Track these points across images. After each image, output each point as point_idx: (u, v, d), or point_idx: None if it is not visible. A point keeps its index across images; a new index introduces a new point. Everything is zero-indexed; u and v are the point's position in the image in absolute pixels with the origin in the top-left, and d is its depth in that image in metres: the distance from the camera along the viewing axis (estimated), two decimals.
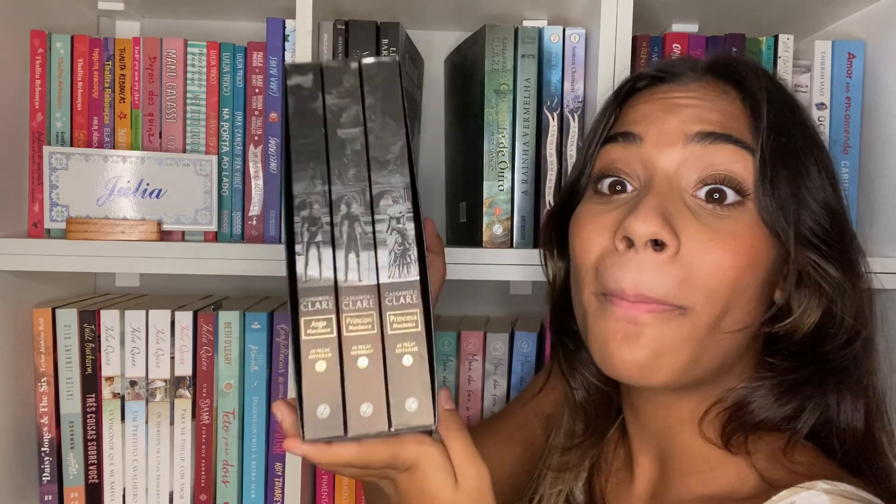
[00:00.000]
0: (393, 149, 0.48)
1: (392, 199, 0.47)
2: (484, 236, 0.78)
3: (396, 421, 0.44)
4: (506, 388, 0.84)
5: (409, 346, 0.45)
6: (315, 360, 0.44)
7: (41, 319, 0.80)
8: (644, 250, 0.47)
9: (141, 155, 0.79)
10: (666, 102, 0.51)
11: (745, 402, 0.50)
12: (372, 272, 0.46)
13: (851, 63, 0.82)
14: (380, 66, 0.50)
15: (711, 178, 0.48)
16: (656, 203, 0.47)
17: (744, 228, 0.47)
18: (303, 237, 0.46)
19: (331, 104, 0.48)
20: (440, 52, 0.98)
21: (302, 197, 0.47)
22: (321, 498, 0.84)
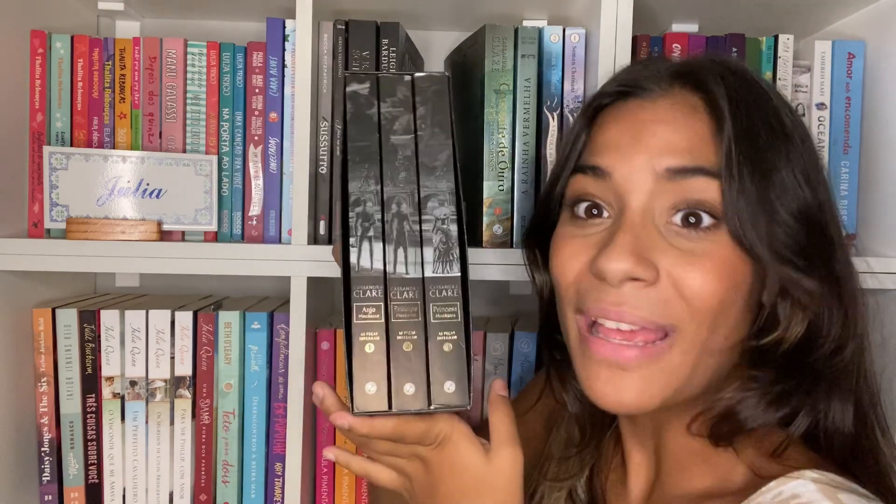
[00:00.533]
0: (440, 156, 0.53)
1: (438, 202, 0.52)
2: (484, 236, 0.78)
3: (435, 400, 0.49)
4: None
5: (450, 334, 0.50)
6: (365, 342, 0.49)
7: (41, 319, 0.80)
8: (622, 285, 0.48)
9: (141, 155, 0.79)
10: (633, 127, 0.50)
11: (733, 412, 0.50)
12: (418, 266, 0.51)
13: (851, 63, 0.82)
14: (431, 80, 0.54)
15: (684, 204, 0.48)
16: (629, 239, 0.47)
17: (721, 249, 0.47)
18: (356, 231, 0.51)
19: (385, 112, 0.53)
20: (440, 52, 0.98)
21: (357, 194, 0.51)
22: (321, 498, 0.84)
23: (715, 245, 0.47)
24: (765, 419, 0.49)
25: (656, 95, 0.51)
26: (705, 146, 0.48)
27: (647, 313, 0.47)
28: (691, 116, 0.49)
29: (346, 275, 0.50)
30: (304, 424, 0.77)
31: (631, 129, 0.50)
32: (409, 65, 0.85)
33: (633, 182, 0.49)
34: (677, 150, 0.48)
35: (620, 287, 0.47)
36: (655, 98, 0.51)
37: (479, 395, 0.84)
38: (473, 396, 0.83)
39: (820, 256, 0.48)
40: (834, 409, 0.49)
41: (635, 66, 0.56)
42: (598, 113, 0.54)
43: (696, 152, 0.48)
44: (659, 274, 0.47)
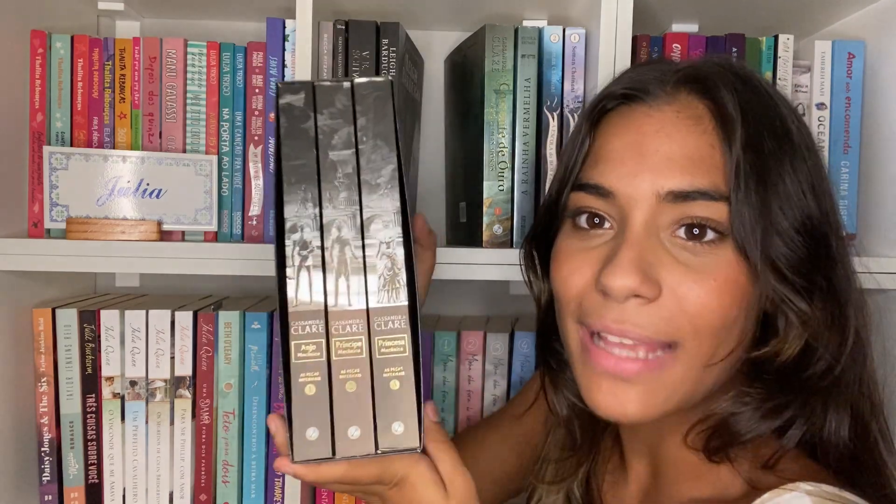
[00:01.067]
0: (384, 172, 0.49)
1: (382, 223, 0.48)
2: (484, 236, 0.78)
3: (383, 443, 0.46)
4: (506, 388, 0.84)
5: (397, 370, 0.46)
6: (305, 383, 0.45)
7: (41, 319, 0.80)
8: (625, 302, 0.47)
9: (141, 155, 0.79)
10: (635, 140, 0.49)
11: (727, 424, 0.50)
12: (362, 297, 0.47)
13: (851, 63, 0.82)
14: (372, 86, 0.50)
15: (689, 219, 0.47)
16: (633, 255, 0.47)
17: (724, 265, 0.47)
18: (294, 261, 0.47)
19: (322, 125, 0.49)
20: (440, 52, 0.98)
21: (293, 220, 0.47)
22: (321, 498, 0.84)
23: (718, 260, 0.47)
24: (758, 431, 0.49)
25: (661, 102, 0.50)
26: (708, 162, 0.47)
27: (651, 331, 0.47)
28: (696, 127, 0.48)
29: (283, 310, 0.46)
30: None
31: (634, 144, 0.49)
32: (409, 65, 0.85)
33: (636, 201, 0.48)
34: (679, 170, 0.47)
35: (624, 303, 0.47)
36: (661, 105, 0.50)
37: (478, 396, 0.84)
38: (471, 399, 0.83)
39: (820, 272, 0.48)
40: (830, 420, 0.49)
41: (641, 68, 0.54)
42: (603, 117, 0.53)
43: (698, 172, 0.47)
44: (662, 290, 0.47)
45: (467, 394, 0.84)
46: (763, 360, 0.49)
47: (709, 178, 0.47)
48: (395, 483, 0.48)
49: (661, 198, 0.47)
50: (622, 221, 0.49)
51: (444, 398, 0.84)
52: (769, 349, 0.49)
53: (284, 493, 0.78)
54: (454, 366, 0.84)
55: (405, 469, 0.47)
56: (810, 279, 0.47)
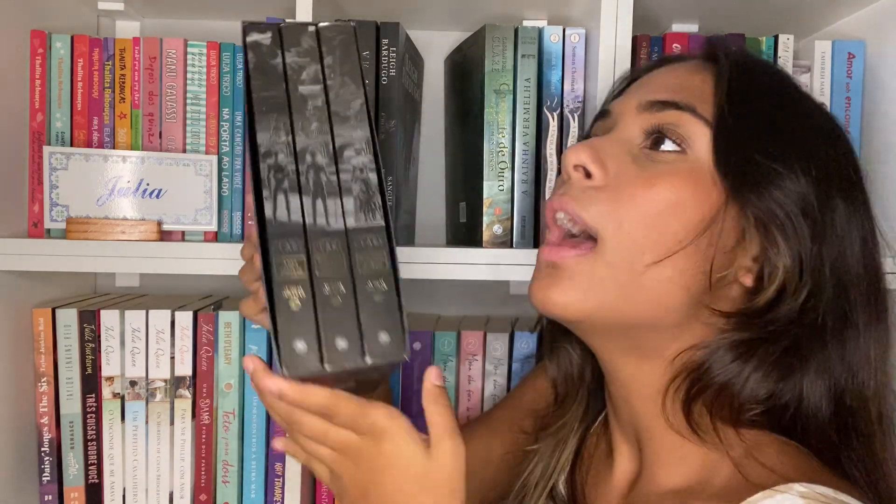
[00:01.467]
0: (353, 105, 0.51)
1: (354, 151, 0.50)
2: (484, 236, 0.78)
3: (371, 353, 0.46)
4: (506, 388, 0.84)
5: (379, 284, 0.48)
6: (289, 298, 0.46)
7: (41, 319, 0.80)
8: (575, 177, 0.51)
9: (141, 155, 0.79)
10: (640, 81, 0.56)
11: (702, 366, 0.49)
12: (339, 217, 0.48)
13: (851, 63, 0.82)
14: (337, 30, 0.52)
15: (652, 128, 0.51)
16: (596, 143, 0.52)
17: (675, 175, 0.49)
18: (269, 183, 0.48)
19: (290, 62, 0.51)
20: (440, 52, 0.98)
21: (267, 146, 0.49)
22: (321, 498, 0.84)
23: (670, 168, 0.49)
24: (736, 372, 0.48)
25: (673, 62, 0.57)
26: (692, 90, 0.51)
27: (580, 208, 0.50)
28: (694, 71, 0.54)
29: (261, 230, 0.47)
30: None
31: (637, 84, 0.56)
32: (409, 65, 0.85)
33: (622, 114, 0.54)
34: (664, 89, 0.52)
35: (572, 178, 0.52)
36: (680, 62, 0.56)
37: (478, 395, 0.84)
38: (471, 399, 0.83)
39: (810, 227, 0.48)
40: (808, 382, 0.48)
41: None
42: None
43: (678, 92, 0.52)
44: (606, 178, 0.50)
45: (467, 394, 0.84)
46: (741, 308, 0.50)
47: (685, 96, 0.51)
48: (375, 436, 0.46)
49: (640, 107, 0.52)
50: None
51: None
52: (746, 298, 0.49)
53: (284, 493, 0.78)
54: (454, 366, 0.84)
55: (385, 420, 0.46)
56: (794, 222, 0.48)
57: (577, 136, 0.78)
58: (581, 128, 0.78)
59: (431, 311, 1.02)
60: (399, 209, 0.82)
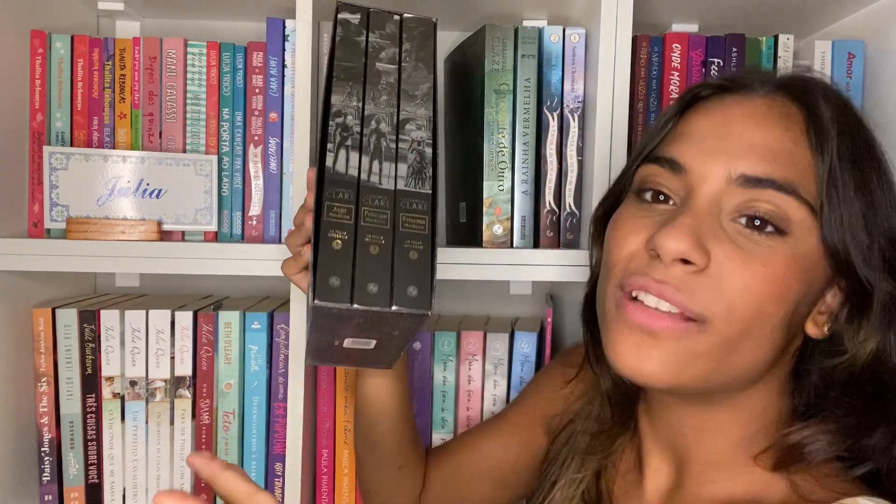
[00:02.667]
0: (422, 87, 0.55)
1: (416, 125, 0.54)
2: (484, 236, 0.78)
3: (398, 301, 0.50)
4: (506, 388, 0.84)
5: (416, 243, 0.51)
6: (333, 238, 0.50)
7: (41, 319, 0.80)
8: (672, 264, 0.47)
9: (141, 155, 0.79)
10: (721, 121, 0.50)
11: (802, 446, 0.49)
12: (391, 179, 0.53)
13: (851, 63, 0.82)
14: (419, 22, 0.57)
15: (752, 210, 0.47)
16: (690, 222, 0.47)
17: (780, 258, 0.47)
18: (335, 139, 0.52)
19: (373, 41, 0.56)
20: (440, 52, 0.97)
21: (338, 107, 0.53)
22: (321, 498, 0.84)
23: (774, 253, 0.47)
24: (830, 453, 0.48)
25: (756, 95, 0.51)
26: (787, 157, 0.48)
27: (687, 299, 0.47)
28: (784, 121, 0.49)
29: (320, 176, 0.52)
30: (304, 424, 0.77)
31: (719, 123, 0.50)
32: None
33: (705, 179, 0.49)
34: (757, 155, 0.48)
35: (670, 267, 0.47)
36: (754, 97, 0.51)
37: (478, 396, 0.84)
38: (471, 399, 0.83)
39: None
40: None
41: (743, 69, 0.57)
42: (695, 103, 0.54)
43: (775, 162, 0.47)
44: (710, 263, 0.47)
45: (467, 394, 0.84)
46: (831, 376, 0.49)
47: (784, 171, 0.47)
48: None
49: (731, 180, 0.48)
50: (687, 196, 0.50)
51: (444, 398, 0.84)
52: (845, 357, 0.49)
53: (284, 493, 0.78)
54: (454, 366, 0.84)
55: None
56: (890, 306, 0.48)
57: (577, 135, 0.78)
58: (581, 128, 0.78)
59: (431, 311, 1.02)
60: None
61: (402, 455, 0.72)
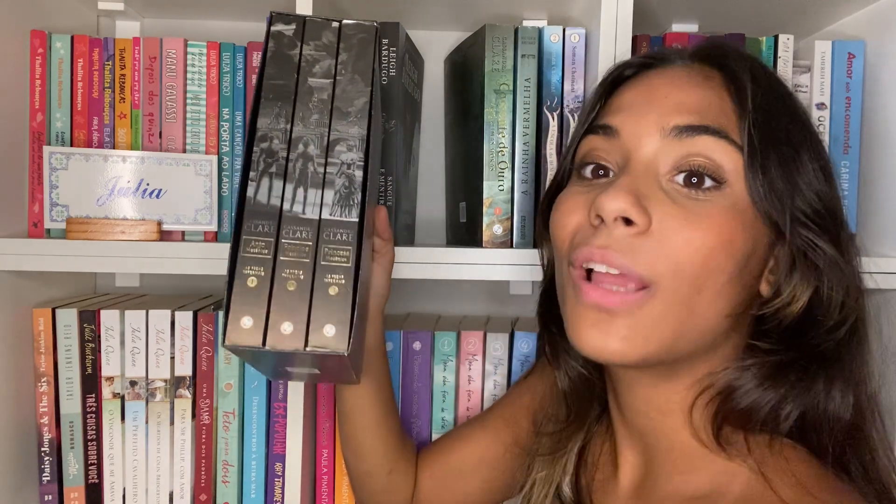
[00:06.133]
0: (356, 103, 0.52)
1: (347, 146, 0.52)
2: (484, 236, 0.78)
3: (313, 342, 0.48)
4: (506, 388, 0.84)
5: (337, 278, 0.49)
6: (248, 275, 0.48)
7: (41, 319, 0.80)
8: (614, 226, 0.48)
9: (141, 155, 0.79)
10: (647, 90, 0.52)
11: (732, 388, 0.49)
12: (316, 207, 0.50)
13: (851, 63, 0.82)
14: (358, 28, 0.54)
15: (687, 165, 0.48)
16: (629, 182, 0.48)
17: (720, 212, 0.47)
18: (258, 166, 0.50)
19: (307, 54, 0.53)
20: (440, 52, 0.98)
21: (264, 130, 0.51)
22: (321, 498, 0.84)
23: (714, 207, 0.47)
24: (761, 396, 0.48)
25: (676, 66, 0.53)
26: (717, 111, 0.49)
27: (630, 261, 0.47)
28: (706, 83, 0.51)
29: (240, 207, 0.50)
30: (304, 424, 0.77)
31: (644, 92, 0.52)
32: (409, 65, 0.85)
33: (639, 138, 0.50)
34: (687, 110, 0.49)
35: (613, 229, 0.48)
36: (675, 68, 0.53)
37: (478, 395, 0.84)
38: (471, 399, 0.83)
39: (833, 227, 0.49)
40: (833, 392, 0.49)
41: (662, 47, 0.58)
42: (620, 84, 0.55)
43: (705, 113, 0.49)
44: (651, 224, 0.47)
45: (467, 394, 0.84)
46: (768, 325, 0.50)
47: (714, 118, 0.48)
48: None
49: (665, 133, 0.49)
50: (625, 161, 0.50)
51: (444, 398, 0.84)
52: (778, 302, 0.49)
53: (284, 493, 0.78)
54: (454, 366, 0.84)
55: None
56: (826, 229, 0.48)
57: None
58: None
59: (431, 311, 1.02)
60: (399, 209, 0.82)
61: (390, 460, 0.72)
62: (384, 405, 0.70)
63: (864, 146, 0.83)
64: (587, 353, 0.49)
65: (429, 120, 0.99)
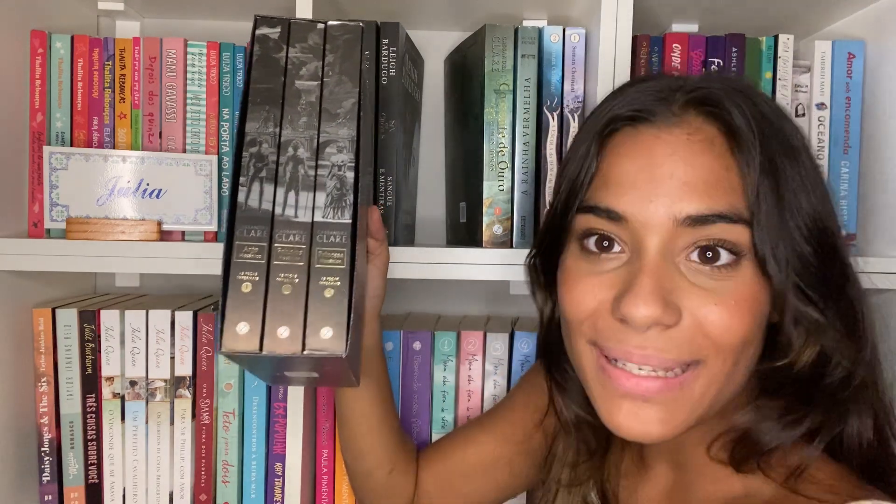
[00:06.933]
0: (345, 104, 0.52)
1: (337, 148, 0.51)
2: (484, 236, 0.78)
3: (310, 345, 0.48)
4: (506, 388, 0.84)
5: (333, 280, 0.49)
6: (242, 280, 0.48)
7: (41, 319, 0.80)
8: (652, 332, 0.47)
9: (141, 155, 0.79)
10: (648, 163, 0.48)
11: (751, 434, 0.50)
12: (308, 211, 0.50)
13: (851, 63, 0.82)
14: (344, 29, 0.53)
15: (704, 241, 0.47)
16: (651, 283, 0.46)
17: (744, 288, 0.46)
18: (248, 171, 0.50)
19: (293, 57, 0.53)
20: (440, 52, 0.98)
21: (253, 135, 0.51)
22: (321, 498, 0.84)
23: (736, 282, 0.47)
24: (780, 440, 0.49)
25: (671, 124, 0.49)
26: (725, 185, 0.47)
27: (674, 354, 0.47)
28: (709, 151, 0.47)
29: (231, 213, 0.50)
30: (304, 424, 0.77)
31: (646, 168, 0.48)
32: (409, 65, 0.85)
33: (650, 227, 0.47)
34: (696, 193, 0.46)
35: (645, 332, 0.47)
36: (671, 128, 0.49)
37: (478, 395, 0.84)
38: (471, 399, 0.83)
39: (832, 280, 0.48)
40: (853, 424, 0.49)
41: (642, 85, 0.52)
42: (609, 137, 0.52)
43: (715, 195, 0.46)
44: (682, 315, 0.46)
45: (467, 394, 0.84)
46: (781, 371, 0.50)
47: (726, 201, 0.46)
48: None
49: (678, 222, 0.47)
50: (636, 247, 0.48)
51: (444, 398, 0.84)
52: (787, 360, 0.49)
53: (284, 493, 0.78)
54: (454, 366, 0.84)
55: None
56: (823, 290, 0.48)
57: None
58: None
59: (431, 311, 1.02)
60: (399, 209, 0.82)
61: (390, 460, 0.72)
62: (384, 406, 0.70)
63: (864, 146, 0.83)
64: (626, 437, 0.49)
65: (429, 120, 0.99)
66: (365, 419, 0.69)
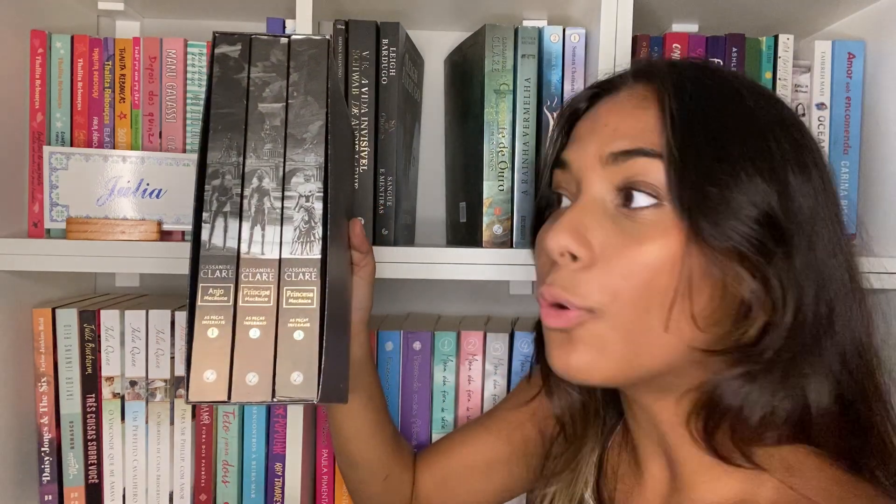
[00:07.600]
0: (311, 128, 0.49)
1: (304, 177, 0.48)
2: (484, 236, 0.78)
3: (280, 392, 0.46)
4: (506, 388, 0.84)
5: (302, 321, 0.47)
6: (208, 325, 0.46)
7: (41, 319, 0.80)
8: (563, 262, 0.49)
9: (141, 155, 0.79)
10: (592, 120, 0.53)
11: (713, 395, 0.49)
12: (275, 247, 0.48)
13: (851, 63, 0.82)
14: (309, 44, 0.50)
15: (624, 184, 0.49)
16: (570, 217, 0.49)
17: (656, 230, 0.46)
18: (211, 206, 0.48)
19: (255, 77, 0.49)
20: (440, 52, 0.98)
21: (215, 166, 0.48)
22: (321, 498, 0.84)
23: (649, 226, 0.47)
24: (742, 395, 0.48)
25: (622, 92, 0.53)
26: (651, 132, 0.49)
27: (571, 296, 0.48)
28: (641, 105, 0.50)
29: (195, 252, 0.47)
30: (304, 424, 0.77)
31: (591, 122, 0.53)
32: (409, 65, 0.85)
33: (585, 169, 0.51)
34: (622, 135, 0.49)
35: (562, 266, 0.49)
36: (618, 93, 0.53)
37: (478, 395, 0.84)
38: (471, 399, 0.83)
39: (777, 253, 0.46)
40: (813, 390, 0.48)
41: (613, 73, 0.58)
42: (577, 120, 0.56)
43: (639, 137, 0.49)
44: (594, 253, 0.48)
45: (467, 394, 0.84)
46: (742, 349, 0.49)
47: (649, 140, 0.48)
48: None
49: (605, 161, 0.50)
50: (577, 191, 0.52)
51: (444, 398, 0.84)
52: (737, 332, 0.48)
53: (284, 493, 0.78)
54: (454, 366, 0.84)
55: None
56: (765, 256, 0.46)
57: None
58: None
59: (431, 311, 1.02)
60: (399, 209, 0.82)
61: (385, 466, 0.71)
62: (375, 415, 0.70)
63: (864, 146, 0.83)
64: (556, 372, 0.51)
65: (429, 120, 0.99)
66: (356, 431, 0.69)
